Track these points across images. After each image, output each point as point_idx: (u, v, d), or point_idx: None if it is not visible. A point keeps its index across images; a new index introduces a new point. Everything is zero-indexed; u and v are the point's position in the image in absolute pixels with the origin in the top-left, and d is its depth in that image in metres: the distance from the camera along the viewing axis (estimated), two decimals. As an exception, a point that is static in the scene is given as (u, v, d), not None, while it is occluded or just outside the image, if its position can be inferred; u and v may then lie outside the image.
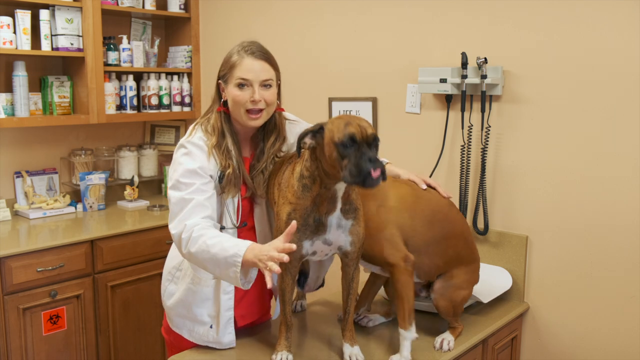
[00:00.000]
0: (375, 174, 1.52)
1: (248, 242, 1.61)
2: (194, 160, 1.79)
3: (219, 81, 1.87)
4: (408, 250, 1.80)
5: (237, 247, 1.60)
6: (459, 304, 1.96)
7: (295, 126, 2.01)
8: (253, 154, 1.94)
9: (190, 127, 1.89)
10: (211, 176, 1.81)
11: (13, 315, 2.64)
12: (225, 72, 1.84)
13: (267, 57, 1.84)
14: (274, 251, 1.51)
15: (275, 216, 1.77)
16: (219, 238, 1.65)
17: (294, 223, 1.55)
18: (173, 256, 2.04)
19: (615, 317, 2.15)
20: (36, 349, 2.73)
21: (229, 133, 1.85)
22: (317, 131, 1.62)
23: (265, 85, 1.82)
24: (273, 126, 1.93)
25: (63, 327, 2.81)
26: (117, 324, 3.00)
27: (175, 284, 1.99)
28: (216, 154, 1.82)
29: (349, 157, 1.55)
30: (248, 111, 1.82)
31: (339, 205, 1.68)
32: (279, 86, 1.90)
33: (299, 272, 1.94)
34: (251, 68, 1.80)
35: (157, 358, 3.18)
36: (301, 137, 1.63)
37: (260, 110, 1.82)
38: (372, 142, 1.58)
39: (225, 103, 1.86)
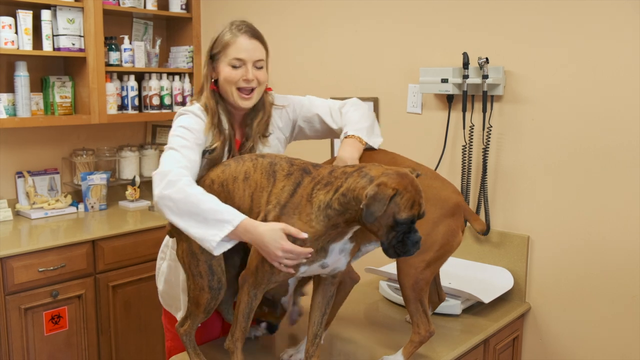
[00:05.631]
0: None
1: (243, 216, 1.54)
2: (192, 121, 1.75)
3: (210, 59, 1.84)
4: None
5: (233, 216, 1.53)
6: (422, 279, 1.76)
7: (281, 111, 1.94)
8: (242, 133, 1.90)
9: (188, 103, 1.87)
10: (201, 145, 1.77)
11: (14, 316, 2.65)
12: (218, 51, 1.81)
13: (259, 36, 1.83)
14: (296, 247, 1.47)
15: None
16: (208, 196, 1.58)
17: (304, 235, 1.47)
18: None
19: (616, 317, 2.14)
20: (38, 349, 2.73)
21: (223, 112, 1.82)
22: (393, 196, 1.41)
23: (258, 64, 1.80)
24: (261, 105, 1.88)
25: (64, 327, 2.81)
26: (118, 324, 3.00)
27: (165, 260, 1.99)
28: (211, 131, 1.78)
29: (398, 235, 1.43)
30: (239, 89, 1.79)
31: (350, 235, 1.56)
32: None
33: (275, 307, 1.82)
34: (245, 47, 1.78)
35: (158, 358, 3.17)
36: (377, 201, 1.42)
37: (252, 90, 1.80)
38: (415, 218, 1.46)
39: (217, 82, 1.83)
